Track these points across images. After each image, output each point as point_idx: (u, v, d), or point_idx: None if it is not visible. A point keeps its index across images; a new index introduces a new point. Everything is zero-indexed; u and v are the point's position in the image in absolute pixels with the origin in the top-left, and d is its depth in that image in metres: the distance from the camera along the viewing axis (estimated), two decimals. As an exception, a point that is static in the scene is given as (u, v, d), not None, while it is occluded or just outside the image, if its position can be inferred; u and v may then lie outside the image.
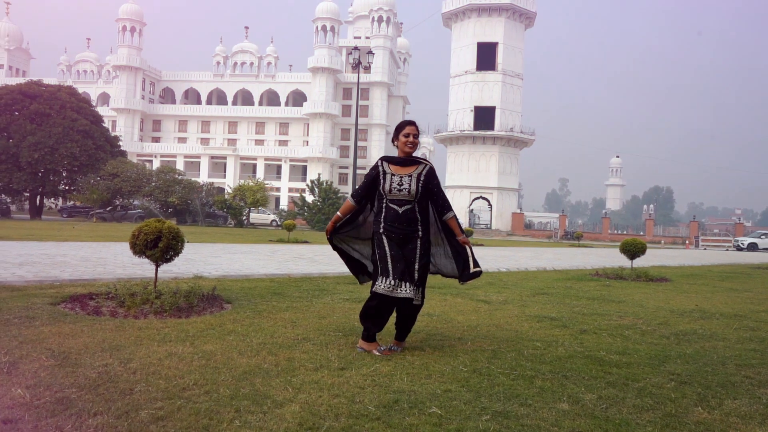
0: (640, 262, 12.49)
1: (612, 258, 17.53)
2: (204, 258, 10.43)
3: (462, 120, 54.09)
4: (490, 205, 53.41)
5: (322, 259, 11.70)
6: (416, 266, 3.83)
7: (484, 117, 53.42)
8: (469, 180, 52.81)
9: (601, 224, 56.19)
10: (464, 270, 3.98)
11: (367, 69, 58.61)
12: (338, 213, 4.12)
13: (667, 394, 3.20)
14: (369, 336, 3.91)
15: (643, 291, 8.52)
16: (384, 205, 3.90)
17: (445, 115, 57.19)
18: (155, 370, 3.21)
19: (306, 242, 18.88)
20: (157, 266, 5.41)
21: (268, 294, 6.38)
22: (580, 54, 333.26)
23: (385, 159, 4.02)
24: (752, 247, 40.13)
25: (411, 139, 3.94)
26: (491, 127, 53.10)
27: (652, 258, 17.62)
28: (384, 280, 3.74)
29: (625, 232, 56.66)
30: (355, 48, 29.61)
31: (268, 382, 3.08)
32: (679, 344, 4.66)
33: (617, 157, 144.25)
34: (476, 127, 53.47)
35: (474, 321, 5.33)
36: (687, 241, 39.77)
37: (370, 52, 31.49)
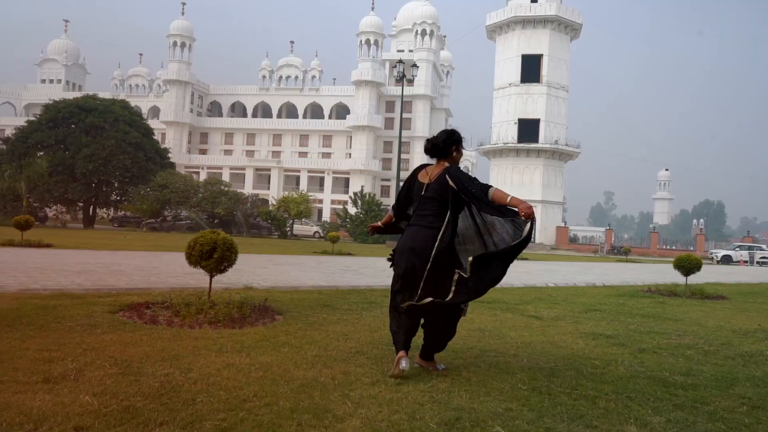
0: (694, 279, 12.08)
1: (663, 274, 17.01)
2: (252, 269, 10.56)
3: (506, 132, 53.63)
4: (533, 219, 52.66)
5: (367, 272, 11.71)
6: None
7: (528, 129, 52.83)
8: (512, 193, 51.64)
9: (649, 239, 54.73)
10: None
11: (411, 82, 58.78)
12: None
13: (740, 419, 3.06)
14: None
15: (700, 309, 8.22)
16: None
17: (489, 127, 56.81)
18: (215, 380, 3.24)
19: (350, 254, 18.95)
20: (212, 277, 5.50)
21: (318, 306, 6.40)
22: (627, 64, 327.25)
23: None
24: (726, 259, 39.08)
25: None
26: (535, 139, 52.46)
27: (705, 274, 17.01)
28: None
29: (674, 248, 55.04)
30: (400, 61, 29.74)
31: (327, 396, 3.07)
32: (746, 366, 4.46)
33: (666, 170, 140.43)
34: (520, 139, 52.91)
35: (527, 337, 5.23)
36: (741, 258, 38.49)
37: (414, 65, 31.57)
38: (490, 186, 3.73)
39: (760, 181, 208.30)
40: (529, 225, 3.56)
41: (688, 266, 10.21)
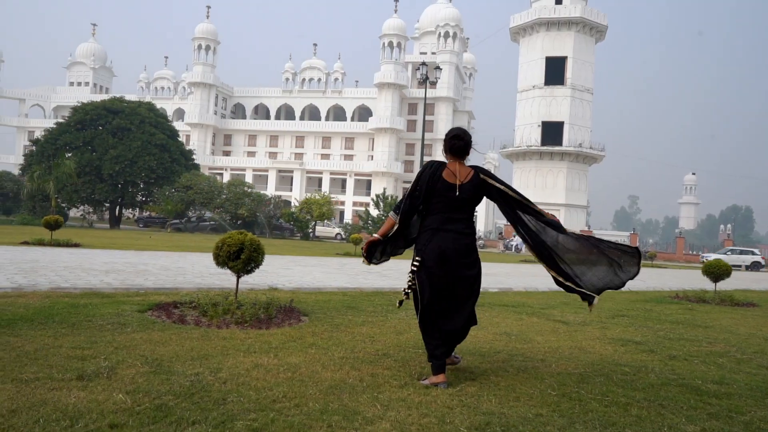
0: (723, 285, 11.86)
1: (690, 280, 16.73)
2: (276, 270, 10.62)
3: (529, 135, 53.28)
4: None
5: (391, 274, 11.70)
6: None
7: (551, 132, 52.44)
8: (535, 196, 51.75)
9: (675, 244, 53.85)
10: None
11: (433, 84, 58.69)
12: None
13: (777, 430, 2.99)
14: None
15: (731, 316, 8.06)
16: None
17: (512, 130, 56.53)
18: (244, 380, 3.26)
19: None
20: (239, 277, 5.54)
21: (343, 308, 6.41)
22: (654, 65, 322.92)
23: None
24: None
25: None
26: (559, 142, 52.04)
27: (734, 281, 16.70)
28: None
29: (700, 253, 54.06)
30: (423, 63, 29.73)
31: (356, 398, 3.07)
32: (781, 375, 4.35)
33: (692, 174, 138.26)
34: (544, 142, 52.54)
35: (554, 342, 5.17)
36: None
37: (437, 68, 31.51)
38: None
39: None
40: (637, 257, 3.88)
41: (717, 272, 10.02)
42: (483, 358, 4.29)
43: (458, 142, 3.65)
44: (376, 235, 3.75)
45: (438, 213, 3.58)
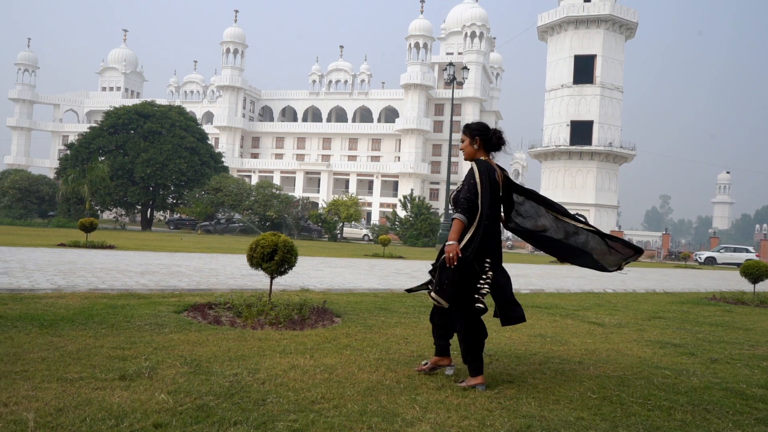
0: (762, 287, 11.59)
1: (726, 281, 16.36)
2: (307, 271, 10.68)
3: (557, 135, 52.70)
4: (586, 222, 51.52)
5: (420, 275, 11.67)
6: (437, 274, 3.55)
7: (580, 131, 51.78)
8: (564, 196, 51.21)
9: (708, 244, 52.71)
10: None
11: (460, 85, 58.50)
12: None
13: (829, 436, 2.89)
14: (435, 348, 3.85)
15: (772, 318, 7.85)
16: None
17: (540, 129, 56.00)
18: (282, 381, 3.28)
19: (401, 257, 18.94)
20: (272, 279, 5.57)
21: (375, 309, 6.41)
22: (687, 63, 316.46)
23: None
24: (709, 261, 37.64)
25: (460, 146, 3.74)
26: (588, 141, 51.36)
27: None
28: None
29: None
30: (450, 64, 29.57)
31: (394, 400, 3.06)
32: (829, 379, 4.22)
33: (726, 172, 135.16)
34: (573, 141, 51.91)
35: (591, 345, 5.09)
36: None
37: (464, 68, 31.37)
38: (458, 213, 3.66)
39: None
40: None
41: (756, 273, 9.76)
42: (519, 360, 4.25)
43: (502, 140, 3.61)
44: (459, 246, 3.41)
45: (487, 211, 3.47)
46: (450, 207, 3.67)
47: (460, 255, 3.35)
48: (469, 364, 3.47)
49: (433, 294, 3.50)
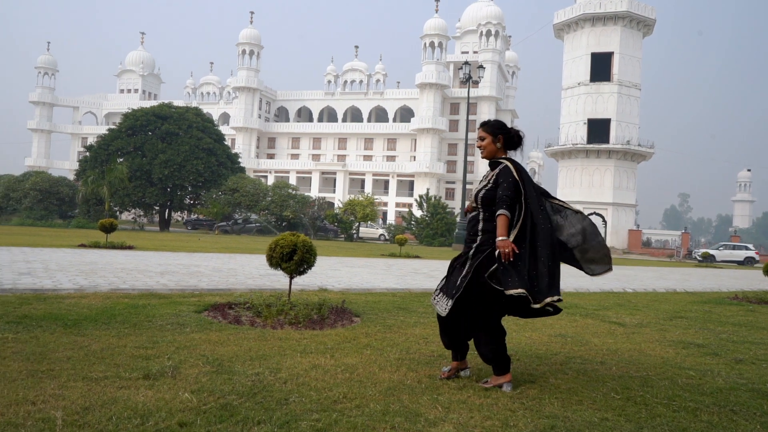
0: (785, 286, 11.40)
1: (748, 280, 16.14)
2: (324, 271, 10.70)
3: (574, 133, 52.27)
4: (604, 221, 51.03)
5: (437, 275, 11.65)
6: (460, 276, 3.43)
7: (598, 130, 51.30)
8: (581, 195, 50.80)
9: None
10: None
11: (476, 84, 58.27)
12: None
13: None
14: (451, 355, 3.72)
15: (796, 318, 7.72)
16: None
17: (556, 128, 55.55)
18: (304, 381, 3.29)
19: (418, 257, 18.92)
20: (291, 278, 5.59)
21: (393, 309, 6.41)
22: (706, 60, 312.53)
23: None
24: (708, 258, 36.70)
25: (477, 143, 3.67)
26: (606, 140, 50.87)
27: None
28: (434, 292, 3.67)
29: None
30: (466, 63, 29.49)
31: (416, 400, 3.05)
32: None
33: (747, 170, 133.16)
34: (590, 140, 51.44)
35: (612, 344, 5.05)
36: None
37: (480, 67, 31.25)
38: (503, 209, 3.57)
39: None
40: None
41: (779, 272, 9.62)
42: (540, 361, 4.22)
43: (521, 139, 3.64)
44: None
45: (535, 209, 3.48)
46: (475, 205, 3.58)
47: (516, 251, 3.29)
48: (494, 363, 3.45)
49: (514, 291, 3.27)
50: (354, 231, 40.15)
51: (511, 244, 3.29)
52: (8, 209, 41.54)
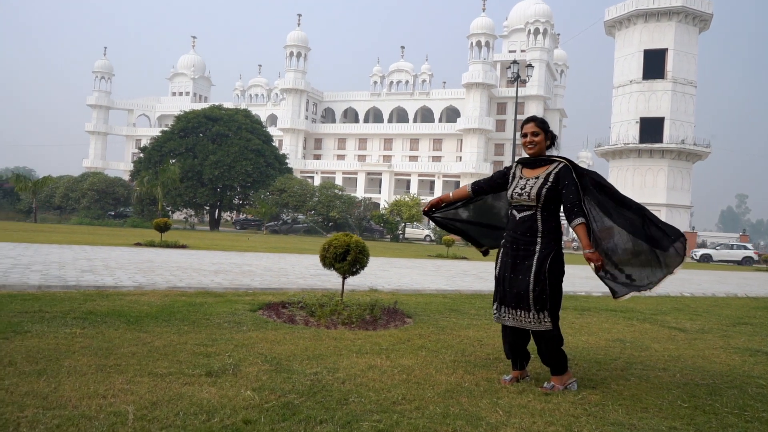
0: None
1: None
2: (373, 271, 10.73)
3: (626, 132, 51.03)
4: (657, 223, 49.68)
5: (487, 276, 11.54)
6: (530, 287, 3.33)
7: (650, 129, 49.95)
8: (634, 196, 48.97)
9: (792, 246, 49.83)
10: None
11: (524, 83, 57.47)
12: (450, 194, 3.90)
13: None
14: (512, 364, 3.63)
15: None
16: (509, 212, 3.58)
17: (607, 127, 54.37)
18: (361, 381, 3.29)
19: (465, 258, 18.79)
20: (344, 279, 5.62)
21: (445, 310, 6.37)
22: (765, 55, 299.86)
23: (521, 161, 3.64)
24: (705, 258, 36.15)
25: (529, 138, 3.53)
26: (659, 139, 49.48)
27: None
28: (493, 305, 3.59)
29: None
30: (514, 62, 29.15)
31: (476, 403, 3.02)
32: None
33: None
34: (642, 139, 50.14)
35: (674, 351, 4.89)
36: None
37: (529, 66, 30.82)
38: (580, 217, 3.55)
39: None
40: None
41: None
42: (600, 366, 4.12)
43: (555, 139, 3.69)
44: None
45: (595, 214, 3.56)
46: (533, 202, 3.47)
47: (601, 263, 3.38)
48: (553, 365, 3.42)
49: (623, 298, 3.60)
50: (400, 231, 40.18)
51: (599, 256, 3.35)
52: (68, 208, 43.23)
